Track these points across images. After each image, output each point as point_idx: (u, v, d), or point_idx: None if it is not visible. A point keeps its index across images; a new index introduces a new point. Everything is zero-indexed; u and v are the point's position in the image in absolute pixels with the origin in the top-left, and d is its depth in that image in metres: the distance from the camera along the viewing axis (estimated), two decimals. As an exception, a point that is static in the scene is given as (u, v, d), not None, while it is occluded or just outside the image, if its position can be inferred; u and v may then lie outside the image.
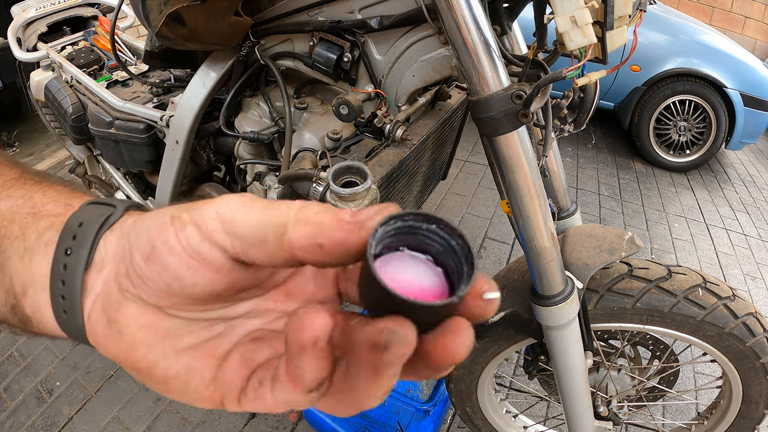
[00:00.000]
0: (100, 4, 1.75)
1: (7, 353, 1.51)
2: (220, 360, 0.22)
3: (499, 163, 0.68)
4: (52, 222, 0.24)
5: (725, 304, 0.86)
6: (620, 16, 0.57)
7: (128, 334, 0.21)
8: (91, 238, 0.22)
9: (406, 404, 1.31)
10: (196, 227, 0.20)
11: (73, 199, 0.26)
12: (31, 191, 0.26)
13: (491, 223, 2.36)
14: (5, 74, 2.59)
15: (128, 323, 0.21)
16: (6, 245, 0.24)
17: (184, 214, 0.20)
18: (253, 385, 0.21)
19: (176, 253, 0.20)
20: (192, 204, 0.21)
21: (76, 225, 0.23)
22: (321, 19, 0.87)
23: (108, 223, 0.23)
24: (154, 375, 0.22)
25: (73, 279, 0.22)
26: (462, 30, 0.60)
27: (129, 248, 0.21)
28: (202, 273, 0.20)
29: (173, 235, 0.20)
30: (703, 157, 3.18)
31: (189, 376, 0.21)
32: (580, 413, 0.93)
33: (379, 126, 0.90)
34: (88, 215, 0.23)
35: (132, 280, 0.21)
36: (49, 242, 0.23)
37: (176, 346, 0.21)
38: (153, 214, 0.22)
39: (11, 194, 0.26)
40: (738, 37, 4.80)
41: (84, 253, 0.22)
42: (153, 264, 0.20)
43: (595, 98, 0.85)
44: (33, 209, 0.25)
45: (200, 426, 1.33)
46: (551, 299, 0.79)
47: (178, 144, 1.11)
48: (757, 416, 0.97)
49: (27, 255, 0.24)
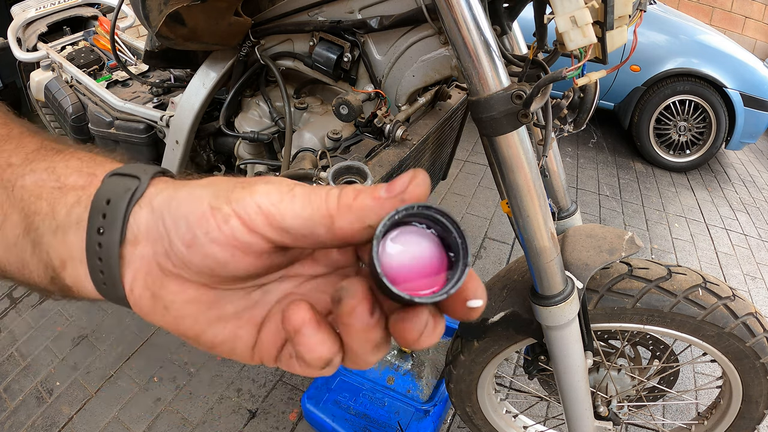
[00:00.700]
0: (100, 4, 1.75)
1: (7, 353, 1.51)
2: (259, 326, 0.24)
3: (499, 163, 0.68)
4: (78, 197, 0.25)
5: (725, 304, 0.85)
6: (620, 16, 0.57)
7: (174, 308, 0.23)
8: (121, 216, 0.23)
9: (406, 404, 1.31)
10: (240, 220, 0.21)
11: (95, 167, 0.26)
12: (53, 162, 0.26)
13: (491, 223, 2.36)
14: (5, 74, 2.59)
15: (173, 299, 0.23)
16: (38, 222, 0.25)
17: (224, 205, 0.21)
18: (285, 355, 0.24)
19: (220, 243, 0.21)
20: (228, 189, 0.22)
21: (104, 203, 0.23)
22: (321, 19, 0.87)
23: (135, 197, 0.23)
24: (202, 341, 0.24)
25: (109, 256, 0.23)
26: (462, 30, 0.60)
27: (166, 233, 0.22)
28: (245, 259, 0.21)
29: (215, 227, 0.21)
30: (703, 157, 3.18)
31: (234, 343, 0.24)
32: (580, 413, 0.93)
33: (379, 126, 0.90)
34: (114, 191, 0.24)
35: (172, 261, 0.22)
36: (80, 219, 0.24)
37: (219, 315, 0.24)
38: (187, 200, 0.22)
39: (35, 168, 0.26)
40: (738, 37, 4.80)
41: (116, 231, 0.23)
42: (195, 252, 0.21)
43: (595, 98, 0.85)
44: (58, 182, 0.25)
45: (200, 426, 1.33)
46: (551, 299, 0.79)
47: (178, 144, 1.11)
48: (757, 416, 0.97)
49: (60, 231, 0.24)
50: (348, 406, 1.30)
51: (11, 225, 0.26)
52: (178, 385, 1.44)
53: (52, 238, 0.25)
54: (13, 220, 0.26)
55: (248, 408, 1.39)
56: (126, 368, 1.48)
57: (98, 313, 1.66)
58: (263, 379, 1.48)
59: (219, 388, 1.44)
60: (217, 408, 1.39)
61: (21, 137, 0.28)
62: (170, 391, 1.42)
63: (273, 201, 0.21)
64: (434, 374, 1.42)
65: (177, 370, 1.49)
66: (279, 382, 1.47)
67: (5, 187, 0.26)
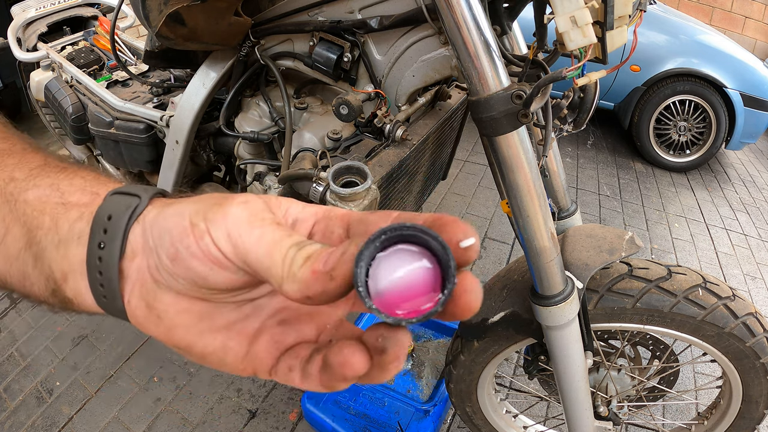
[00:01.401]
0: (100, 4, 1.75)
1: (7, 353, 1.51)
2: (251, 338, 0.25)
3: (499, 163, 0.68)
4: (81, 213, 0.26)
5: (725, 304, 0.85)
6: (620, 16, 0.57)
7: (167, 318, 0.24)
8: (121, 232, 0.24)
9: (406, 404, 1.31)
10: (211, 240, 0.22)
11: (98, 186, 0.27)
12: (57, 180, 0.27)
13: (491, 223, 2.36)
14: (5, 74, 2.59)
15: (166, 309, 0.24)
16: (40, 236, 0.26)
17: (201, 222, 0.22)
18: (283, 367, 0.24)
19: (198, 257, 0.22)
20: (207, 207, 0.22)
21: (106, 218, 0.24)
22: (321, 19, 0.87)
23: (135, 215, 0.24)
24: (193, 351, 0.24)
25: (109, 270, 0.24)
26: (462, 30, 0.60)
27: (154, 247, 0.23)
28: (223, 273, 0.22)
29: (194, 242, 0.22)
30: (703, 157, 3.18)
31: (224, 353, 0.24)
32: (580, 413, 0.93)
33: (379, 126, 0.90)
34: (116, 208, 0.25)
35: (162, 274, 0.23)
36: (81, 234, 0.25)
37: (211, 326, 0.24)
38: (172, 215, 0.23)
39: (38, 183, 0.27)
40: (738, 37, 4.80)
41: (116, 246, 0.24)
42: (178, 265, 0.22)
43: (595, 98, 0.85)
44: (61, 199, 0.26)
45: (200, 426, 1.33)
46: (551, 299, 0.79)
47: (178, 144, 1.11)
48: (757, 416, 0.97)
49: (62, 246, 0.25)
50: (348, 406, 1.30)
51: (13, 238, 0.26)
52: (178, 385, 1.44)
53: (54, 251, 0.25)
54: (15, 234, 0.26)
55: (248, 408, 1.39)
56: (126, 368, 1.48)
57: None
58: (263, 379, 1.48)
59: (219, 388, 1.44)
60: (217, 408, 1.39)
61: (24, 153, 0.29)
62: (170, 391, 1.42)
63: (241, 232, 0.21)
64: (434, 374, 1.42)
65: (177, 370, 1.49)
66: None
67: (8, 201, 0.26)
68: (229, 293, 0.24)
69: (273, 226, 0.22)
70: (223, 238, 0.21)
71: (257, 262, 0.21)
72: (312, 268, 0.20)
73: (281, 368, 0.24)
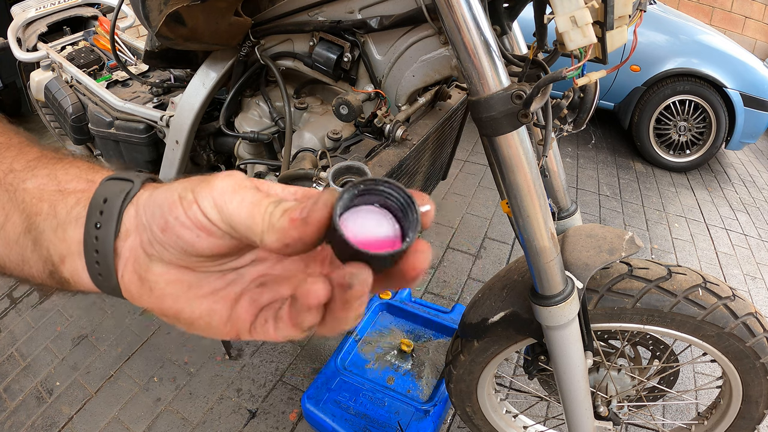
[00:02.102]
0: (100, 4, 1.75)
1: (7, 353, 1.52)
2: (233, 302, 0.27)
3: (499, 163, 0.68)
4: (78, 198, 0.27)
5: (725, 304, 0.85)
6: (620, 16, 0.57)
7: (158, 289, 0.26)
8: (116, 212, 0.26)
9: (406, 404, 1.31)
10: (199, 208, 0.24)
11: (93, 174, 0.29)
12: (54, 170, 0.29)
13: (491, 223, 2.36)
14: (5, 74, 2.59)
15: (157, 280, 0.26)
16: (39, 221, 0.28)
17: (189, 194, 0.24)
18: (260, 321, 0.26)
19: (187, 226, 0.24)
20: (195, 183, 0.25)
21: (101, 201, 0.26)
22: (321, 19, 0.87)
23: (129, 197, 0.26)
24: (181, 318, 0.26)
25: (105, 248, 0.26)
26: (462, 30, 0.60)
27: (148, 223, 0.25)
28: (209, 240, 0.24)
29: (182, 212, 0.24)
30: (703, 157, 3.18)
31: (210, 317, 0.26)
32: (580, 413, 0.93)
33: (379, 126, 0.90)
34: (111, 191, 0.27)
35: (154, 246, 0.25)
36: (78, 217, 0.27)
37: (197, 294, 0.26)
38: (163, 191, 0.25)
39: (36, 174, 0.29)
40: (738, 37, 4.80)
41: (112, 226, 0.26)
42: (169, 235, 0.24)
43: (595, 98, 0.85)
44: (59, 186, 0.28)
45: (200, 426, 1.33)
46: (551, 299, 0.79)
47: (178, 144, 1.11)
48: (757, 416, 0.97)
49: (60, 229, 0.27)
50: (348, 406, 1.30)
51: (12, 225, 0.28)
52: (178, 385, 1.44)
53: (52, 234, 0.27)
54: (14, 221, 0.28)
55: (248, 408, 1.39)
56: (126, 368, 1.49)
57: (98, 313, 1.66)
58: (263, 379, 1.48)
59: (219, 388, 1.44)
60: (217, 408, 1.39)
61: (21, 146, 0.31)
62: (170, 391, 1.42)
63: (226, 198, 0.23)
64: (434, 374, 1.42)
65: (177, 370, 1.49)
66: (279, 382, 1.47)
67: (7, 190, 0.28)
68: (215, 261, 0.26)
69: (253, 191, 0.24)
70: (209, 206, 0.23)
71: (240, 223, 0.23)
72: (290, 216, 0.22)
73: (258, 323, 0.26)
